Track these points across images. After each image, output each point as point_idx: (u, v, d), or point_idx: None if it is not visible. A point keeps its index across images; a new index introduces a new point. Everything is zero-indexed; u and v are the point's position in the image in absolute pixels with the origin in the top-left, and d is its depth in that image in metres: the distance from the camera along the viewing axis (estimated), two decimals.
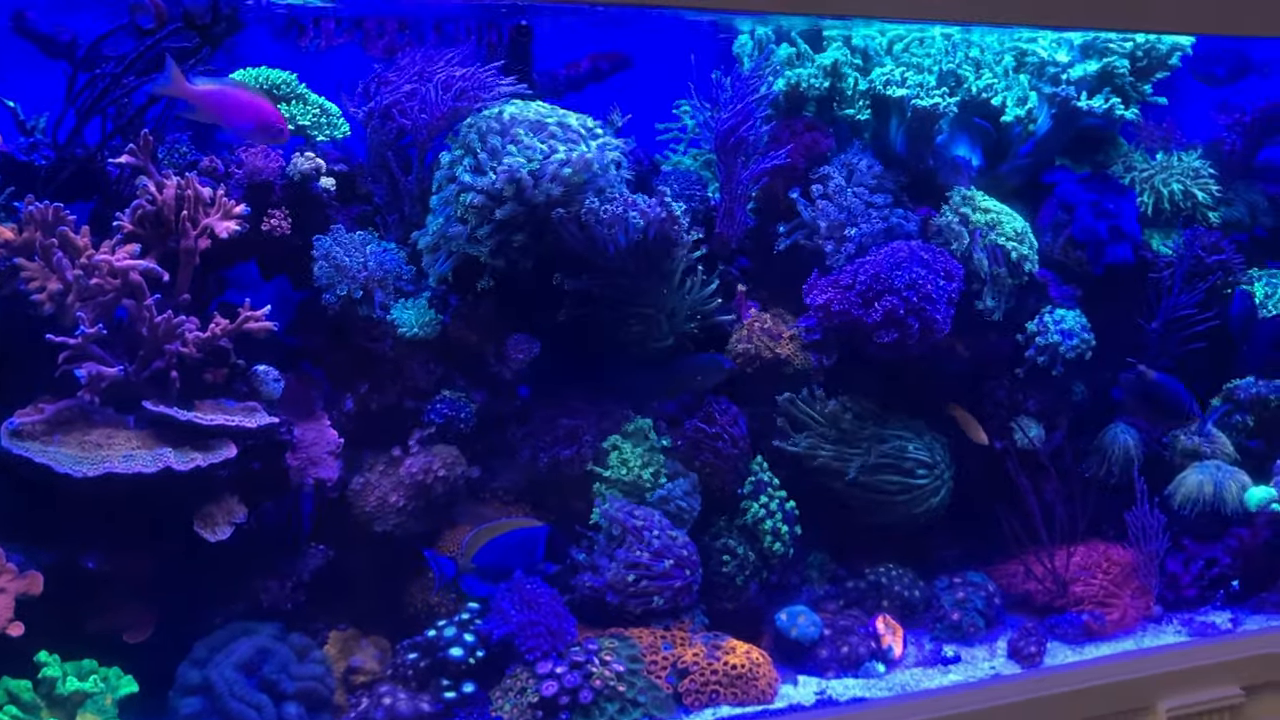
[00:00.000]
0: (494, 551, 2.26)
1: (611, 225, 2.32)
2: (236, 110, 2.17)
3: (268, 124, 2.19)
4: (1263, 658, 2.59)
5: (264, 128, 2.20)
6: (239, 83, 2.26)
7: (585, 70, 2.81)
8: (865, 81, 2.70)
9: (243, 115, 2.18)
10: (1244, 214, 3.01)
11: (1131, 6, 2.46)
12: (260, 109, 2.19)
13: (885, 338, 2.48)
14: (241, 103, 2.18)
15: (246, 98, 2.19)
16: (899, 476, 2.60)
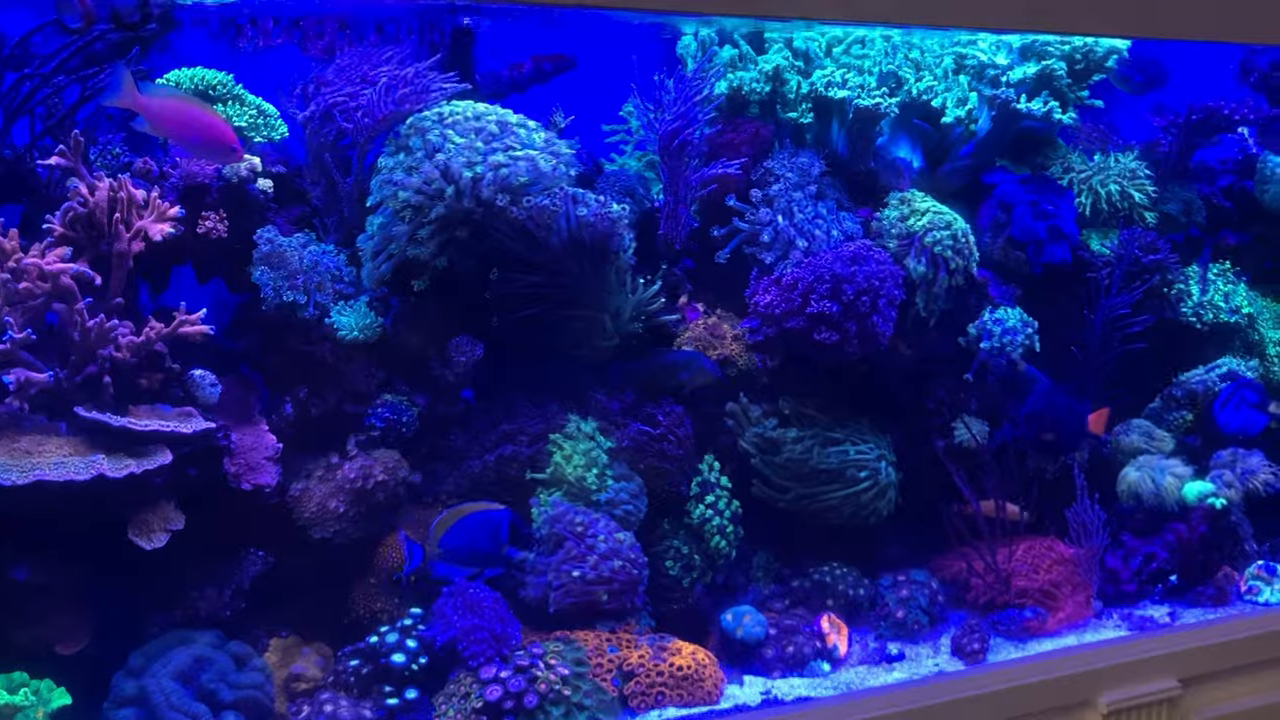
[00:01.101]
0: (460, 534, 2.24)
1: (552, 225, 2.31)
2: (189, 126, 2.13)
3: (221, 141, 2.15)
4: (1199, 650, 2.63)
5: (217, 145, 2.16)
6: (193, 98, 2.22)
7: (529, 71, 2.79)
8: (807, 84, 2.72)
9: (195, 131, 2.13)
10: (1179, 214, 3.06)
11: (1067, 10, 2.48)
12: (214, 126, 2.15)
13: (825, 340, 2.49)
14: (195, 118, 2.14)
15: (201, 113, 2.15)
16: (841, 485, 2.61)
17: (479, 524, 2.26)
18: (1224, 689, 2.66)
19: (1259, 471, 2.85)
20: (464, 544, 2.24)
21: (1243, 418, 2.77)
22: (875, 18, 2.45)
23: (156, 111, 2.09)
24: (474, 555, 2.26)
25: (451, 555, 2.24)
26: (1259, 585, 2.84)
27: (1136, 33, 2.68)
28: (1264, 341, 3.05)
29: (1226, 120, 3.04)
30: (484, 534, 2.26)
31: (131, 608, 2.14)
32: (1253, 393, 2.76)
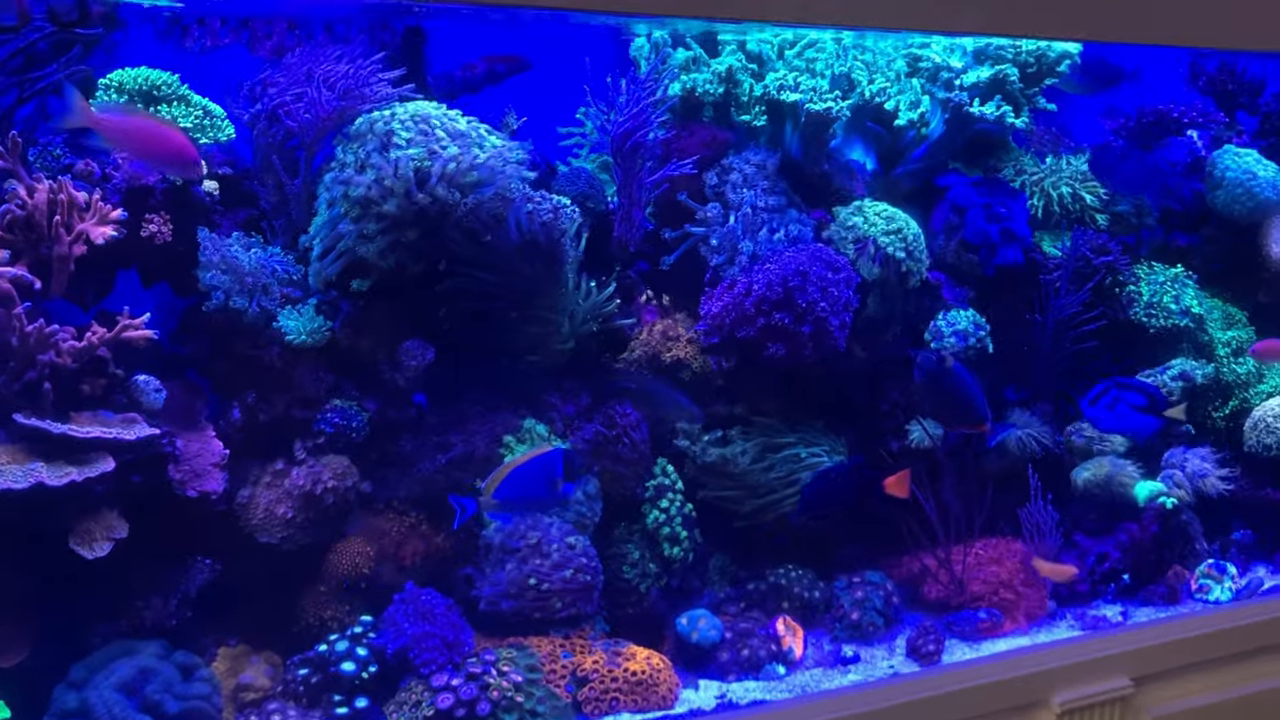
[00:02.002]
0: (515, 485, 2.19)
1: (503, 226, 2.29)
2: (148, 141, 2.09)
3: (181, 155, 2.12)
4: (1151, 649, 2.65)
5: (177, 158, 2.12)
6: (148, 112, 2.18)
7: (481, 72, 2.77)
8: (760, 87, 2.71)
9: (155, 146, 2.10)
10: (1130, 216, 3.08)
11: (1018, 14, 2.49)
12: (175, 141, 2.11)
13: (776, 351, 2.49)
14: (153, 133, 2.10)
15: (159, 128, 2.11)
16: (795, 490, 2.61)
17: (533, 472, 2.21)
18: (1176, 687, 2.68)
19: (1209, 474, 2.88)
20: (520, 494, 2.20)
21: (1124, 420, 2.71)
22: (828, 20, 2.45)
23: (113, 128, 2.06)
24: (530, 502, 2.24)
25: (507, 506, 2.21)
26: (1209, 584, 2.87)
27: (1088, 36, 2.70)
28: (1214, 343, 3.08)
29: (1176, 123, 3.07)
30: (539, 480, 2.21)
31: (74, 618, 2.10)
32: (1139, 396, 2.71)
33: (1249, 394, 3.10)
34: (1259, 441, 3.01)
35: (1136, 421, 2.69)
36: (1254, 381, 3.11)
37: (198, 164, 2.16)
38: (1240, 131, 3.28)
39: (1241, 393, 3.10)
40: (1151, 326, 2.98)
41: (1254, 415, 3.03)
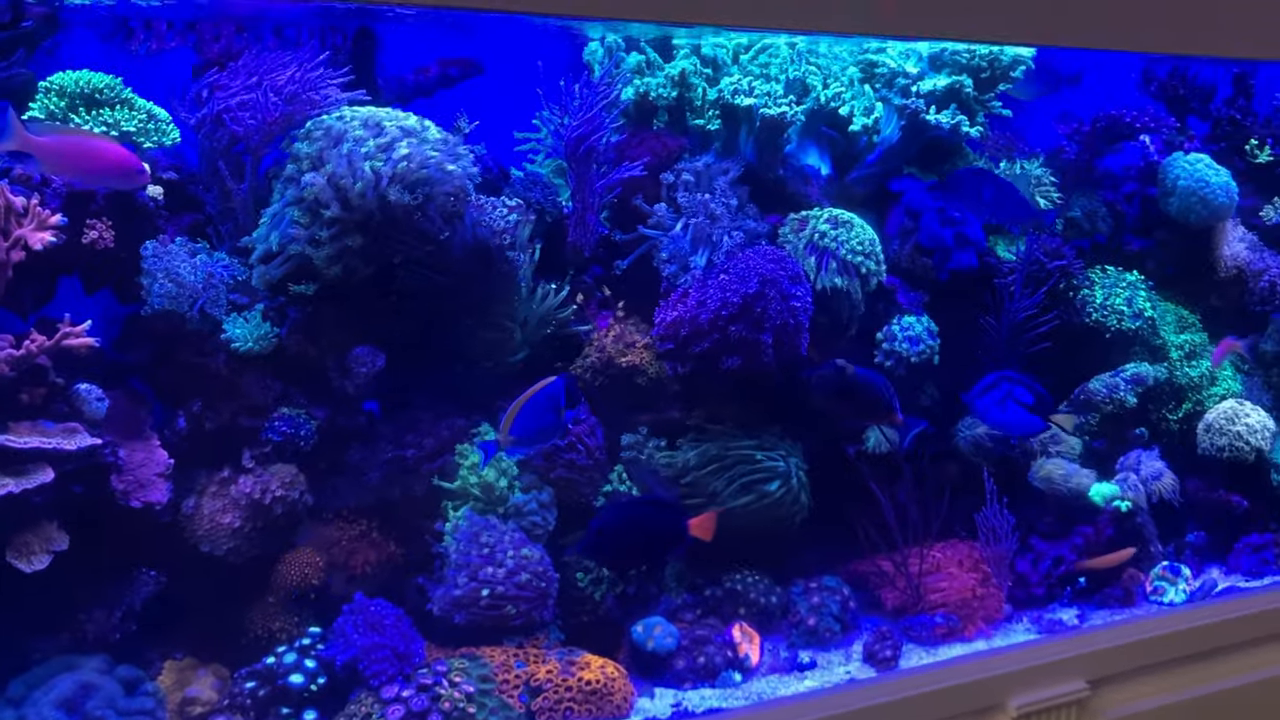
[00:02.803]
0: (527, 419, 2.24)
1: (454, 230, 2.27)
2: (89, 159, 2.05)
3: (125, 168, 2.08)
4: (1107, 651, 2.66)
5: (121, 172, 2.08)
6: (85, 129, 2.14)
7: (434, 76, 2.75)
8: (714, 91, 2.71)
9: (96, 163, 2.06)
10: (1083, 220, 3.10)
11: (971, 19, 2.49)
12: (115, 155, 2.07)
13: (733, 363, 2.49)
14: (93, 150, 2.06)
15: (98, 144, 2.07)
16: (751, 496, 2.60)
17: (541, 404, 2.26)
18: (1131, 689, 2.69)
19: (1163, 477, 2.90)
20: (533, 426, 2.24)
21: (1010, 416, 2.67)
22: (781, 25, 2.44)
23: (51, 151, 2.01)
24: (542, 432, 2.27)
25: (523, 440, 2.25)
26: (1164, 586, 2.88)
27: (1039, 40, 2.71)
28: (1167, 346, 3.11)
29: (1129, 128, 3.09)
30: (547, 411, 2.26)
31: (12, 633, 2.05)
32: (1027, 394, 2.66)
33: (1202, 397, 3.12)
34: (1212, 444, 3.03)
35: (1021, 420, 2.66)
36: (1207, 384, 3.13)
37: (142, 172, 2.12)
38: (1192, 136, 3.31)
39: (1195, 395, 3.13)
40: (1106, 330, 2.99)
41: (1207, 418, 3.05)
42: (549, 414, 2.26)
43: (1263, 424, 3.03)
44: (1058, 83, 3.16)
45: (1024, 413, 2.64)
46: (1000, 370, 2.71)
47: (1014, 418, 2.65)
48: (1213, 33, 2.71)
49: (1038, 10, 2.48)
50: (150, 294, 2.18)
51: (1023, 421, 2.66)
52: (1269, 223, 3.30)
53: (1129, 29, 2.62)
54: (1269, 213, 3.31)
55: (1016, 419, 2.66)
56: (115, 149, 2.09)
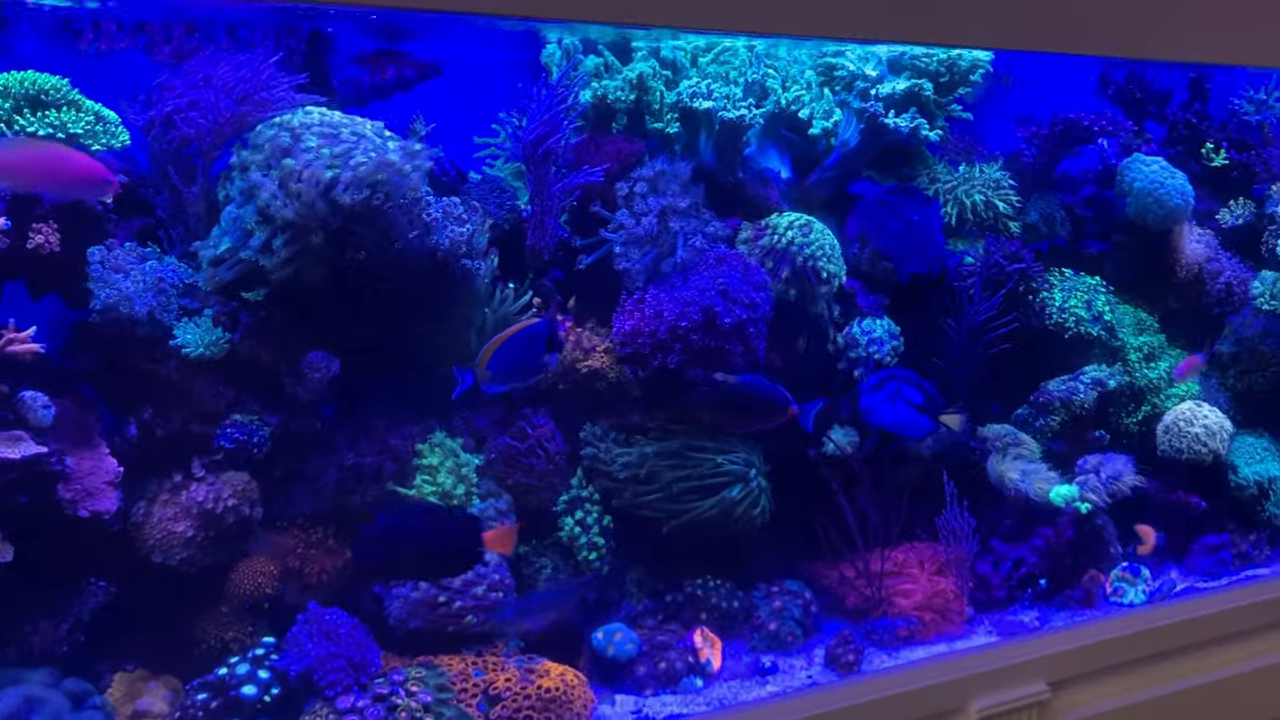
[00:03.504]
0: (507, 355, 2.25)
1: (410, 233, 2.24)
2: (52, 170, 1.99)
3: (92, 176, 2.03)
4: (1067, 653, 2.67)
5: (88, 181, 2.04)
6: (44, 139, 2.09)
7: (390, 78, 2.71)
8: (672, 94, 2.69)
9: (60, 174, 2.01)
10: (1042, 223, 3.11)
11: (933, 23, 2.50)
12: (79, 163, 2.02)
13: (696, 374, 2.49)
14: (55, 160, 2.00)
15: (60, 153, 2.01)
16: (711, 499, 2.59)
17: (522, 341, 2.28)
18: (1092, 690, 2.71)
19: (1123, 476, 2.91)
20: (511, 362, 2.26)
21: (898, 415, 2.64)
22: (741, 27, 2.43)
23: (8, 164, 1.95)
24: (520, 369, 2.29)
25: (500, 375, 2.26)
26: (1124, 586, 2.90)
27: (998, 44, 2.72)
28: (1125, 348, 3.12)
29: (1087, 131, 3.11)
30: (528, 349, 2.28)
31: None
32: (916, 393, 2.64)
33: (1161, 399, 3.14)
34: (1171, 445, 3.05)
35: (909, 419, 2.64)
36: (1165, 386, 3.15)
37: (111, 182, 2.07)
38: (1149, 140, 3.34)
39: (1154, 398, 3.14)
40: (1065, 332, 3.01)
41: (1165, 420, 3.07)
42: (529, 352, 2.27)
43: (1220, 425, 3.05)
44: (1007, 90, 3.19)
45: (912, 412, 2.62)
46: (893, 368, 2.69)
47: (903, 417, 2.63)
48: (1168, 37, 2.73)
49: (995, 14, 2.49)
50: (97, 299, 2.14)
51: (911, 421, 2.63)
52: (1225, 226, 3.33)
53: (1085, 32, 2.63)
54: (1225, 216, 3.34)
55: (905, 418, 2.63)
56: (77, 157, 2.04)
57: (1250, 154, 3.33)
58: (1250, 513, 3.16)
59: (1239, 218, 3.32)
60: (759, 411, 2.54)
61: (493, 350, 2.24)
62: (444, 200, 2.41)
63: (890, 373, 2.65)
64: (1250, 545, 3.12)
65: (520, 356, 2.28)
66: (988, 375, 2.91)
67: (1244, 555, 3.11)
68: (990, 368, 2.89)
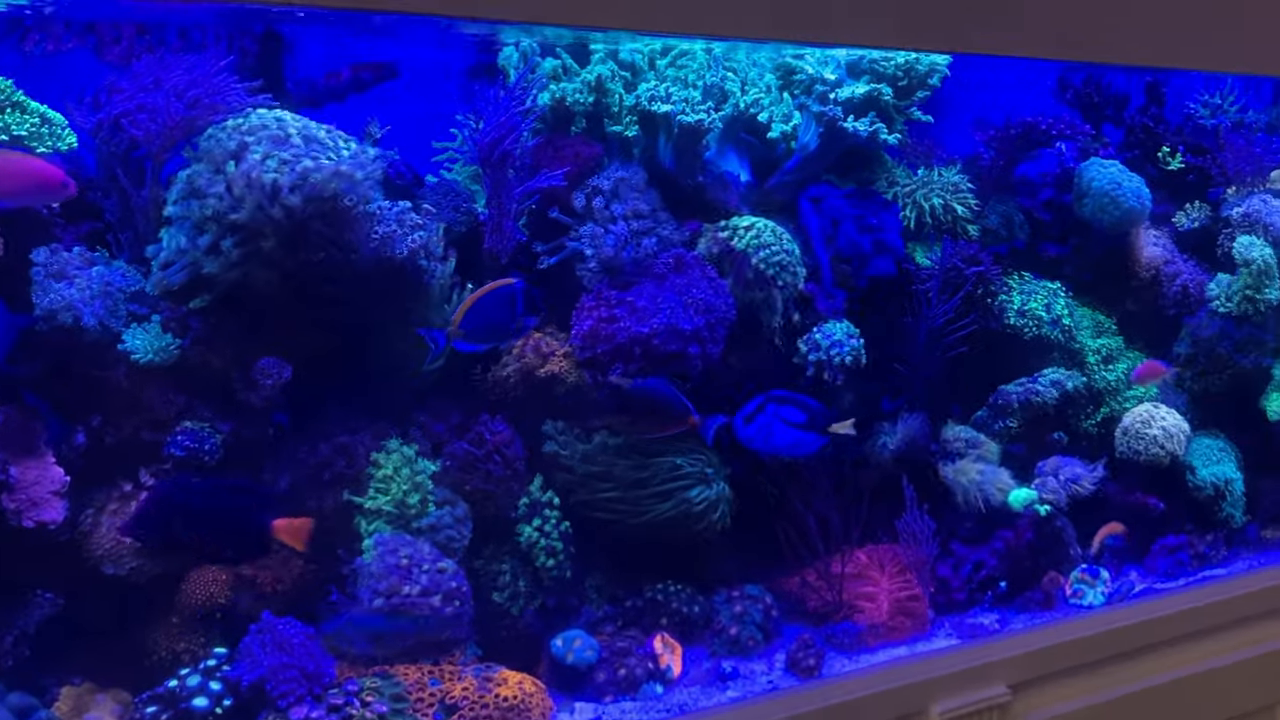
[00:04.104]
0: (479, 313, 2.25)
1: (363, 238, 2.22)
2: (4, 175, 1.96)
3: (47, 181, 1.99)
4: (1028, 655, 2.68)
5: (43, 186, 1.99)
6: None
7: (346, 80, 2.69)
8: (631, 97, 2.68)
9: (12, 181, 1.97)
10: (1000, 226, 3.13)
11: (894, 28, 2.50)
12: (31, 168, 1.98)
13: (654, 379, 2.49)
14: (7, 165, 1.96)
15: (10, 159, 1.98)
16: (671, 503, 2.57)
17: (495, 300, 2.27)
18: (1052, 692, 2.72)
19: (1081, 479, 2.92)
20: (483, 321, 2.25)
21: (779, 438, 2.55)
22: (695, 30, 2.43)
23: None
24: (493, 329, 2.28)
25: (473, 334, 2.25)
26: (1083, 588, 2.91)
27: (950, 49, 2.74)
28: (1084, 351, 3.14)
29: (1044, 135, 3.13)
30: (500, 308, 2.27)
31: None
32: (796, 411, 2.54)
33: (1119, 401, 3.16)
34: (1129, 447, 3.07)
35: (793, 440, 2.55)
36: (1124, 388, 3.18)
37: (67, 185, 2.03)
38: (1106, 144, 3.36)
39: (1112, 400, 3.17)
40: (1024, 335, 3.02)
41: (1124, 422, 3.09)
42: (502, 312, 2.26)
43: (1177, 427, 3.08)
44: None
45: (794, 432, 2.53)
46: (765, 392, 2.57)
47: (784, 439, 2.54)
48: (1123, 41, 2.75)
49: (953, 18, 2.50)
50: (39, 305, 2.10)
51: (794, 441, 2.54)
52: (1182, 229, 3.36)
53: (1044, 37, 2.65)
54: (1181, 219, 3.37)
55: (787, 440, 2.54)
56: (29, 162, 2.00)
57: (1205, 158, 3.36)
58: (1207, 514, 3.19)
59: (1195, 221, 3.35)
60: (656, 418, 2.49)
61: (466, 308, 2.22)
62: (399, 204, 2.39)
63: (761, 399, 2.54)
64: (1207, 546, 3.15)
65: (493, 315, 2.25)
66: (947, 378, 2.92)
67: (1201, 556, 3.14)
68: (950, 370, 2.90)
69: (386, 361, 2.43)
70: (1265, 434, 3.30)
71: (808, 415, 2.52)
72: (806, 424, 2.52)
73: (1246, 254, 3.10)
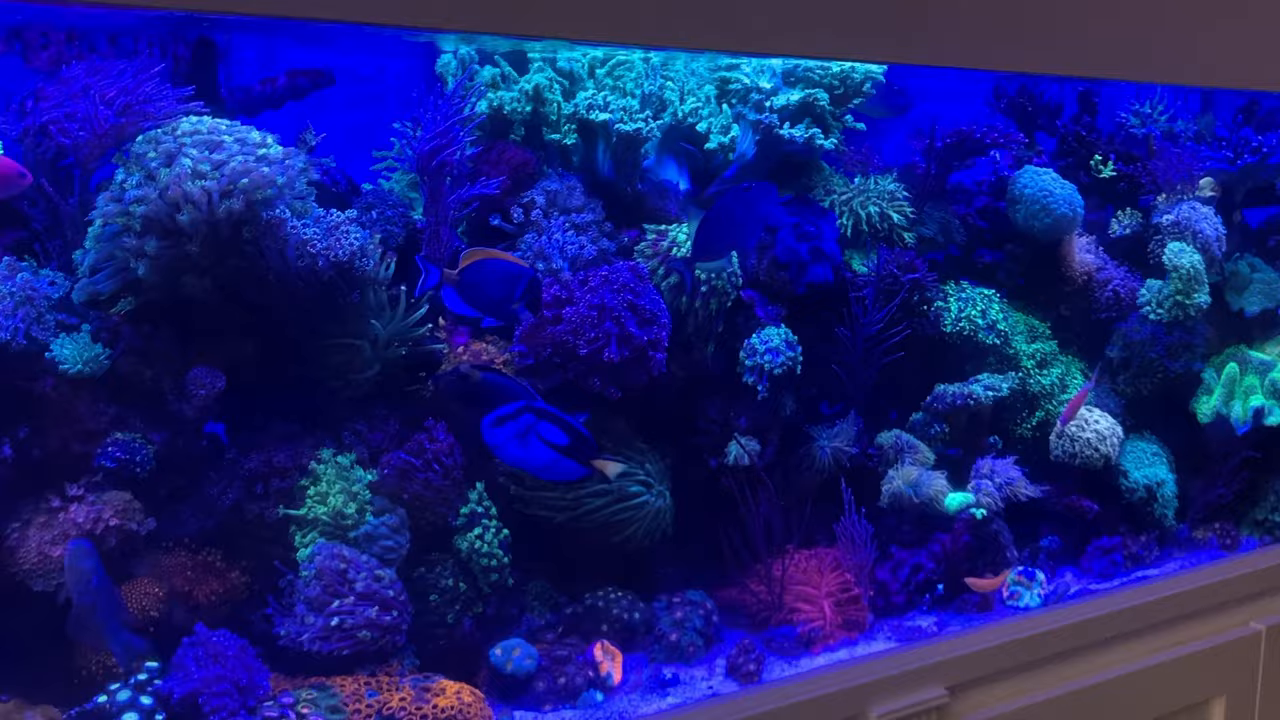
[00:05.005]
0: (479, 273, 2.19)
1: (295, 245, 2.20)
2: None
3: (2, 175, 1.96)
4: (965, 657, 2.70)
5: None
6: None
7: (282, 87, 2.67)
8: (570, 105, 2.69)
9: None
10: (937, 234, 3.17)
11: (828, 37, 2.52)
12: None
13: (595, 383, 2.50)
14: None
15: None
16: (618, 504, 2.58)
17: (499, 271, 2.21)
18: (990, 693, 2.74)
19: (1016, 482, 2.96)
20: (481, 282, 2.19)
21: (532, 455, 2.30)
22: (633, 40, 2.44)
23: None
24: (485, 297, 2.22)
25: (464, 289, 2.20)
26: (1020, 590, 2.95)
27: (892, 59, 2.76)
28: (1019, 355, 3.18)
29: (978, 144, 3.17)
30: (500, 281, 2.21)
31: None
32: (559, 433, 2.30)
33: (1053, 405, 3.21)
34: (1064, 450, 3.12)
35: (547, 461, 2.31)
36: (1058, 392, 3.22)
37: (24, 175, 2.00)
38: (1040, 152, 3.42)
39: (1046, 404, 3.21)
40: (961, 341, 3.06)
41: (1058, 425, 3.13)
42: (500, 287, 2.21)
43: (1110, 430, 3.13)
44: (907, 105, 3.24)
45: (551, 454, 2.30)
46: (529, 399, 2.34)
47: (538, 458, 2.30)
48: (1058, 51, 2.79)
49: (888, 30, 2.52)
50: None
51: (549, 464, 2.31)
52: (1114, 235, 3.43)
53: (978, 48, 2.68)
54: (1114, 226, 3.43)
55: (541, 460, 2.31)
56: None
57: (1137, 166, 3.42)
58: (1141, 515, 3.24)
59: (1126, 228, 3.41)
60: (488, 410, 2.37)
61: (469, 260, 2.16)
62: (334, 211, 2.38)
63: (524, 404, 2.29)
64: (1140, 547, 3.20)
65: (491, 283, 2.19)
66: (885, 384, 2.95)
67: (1135, 556, 3.19)
68: (887, 376, 2.93)
69: (323, 370, 2.41)
70: (1195, 436, 3.37)
71: (571, 440, 2.30)
72: (569, 449, 2.29)
73: (1176, 260, 3.17)
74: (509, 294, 2.24)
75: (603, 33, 2.31)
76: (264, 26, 2.52)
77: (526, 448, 2.28)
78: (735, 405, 2.77)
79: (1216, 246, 3.31)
